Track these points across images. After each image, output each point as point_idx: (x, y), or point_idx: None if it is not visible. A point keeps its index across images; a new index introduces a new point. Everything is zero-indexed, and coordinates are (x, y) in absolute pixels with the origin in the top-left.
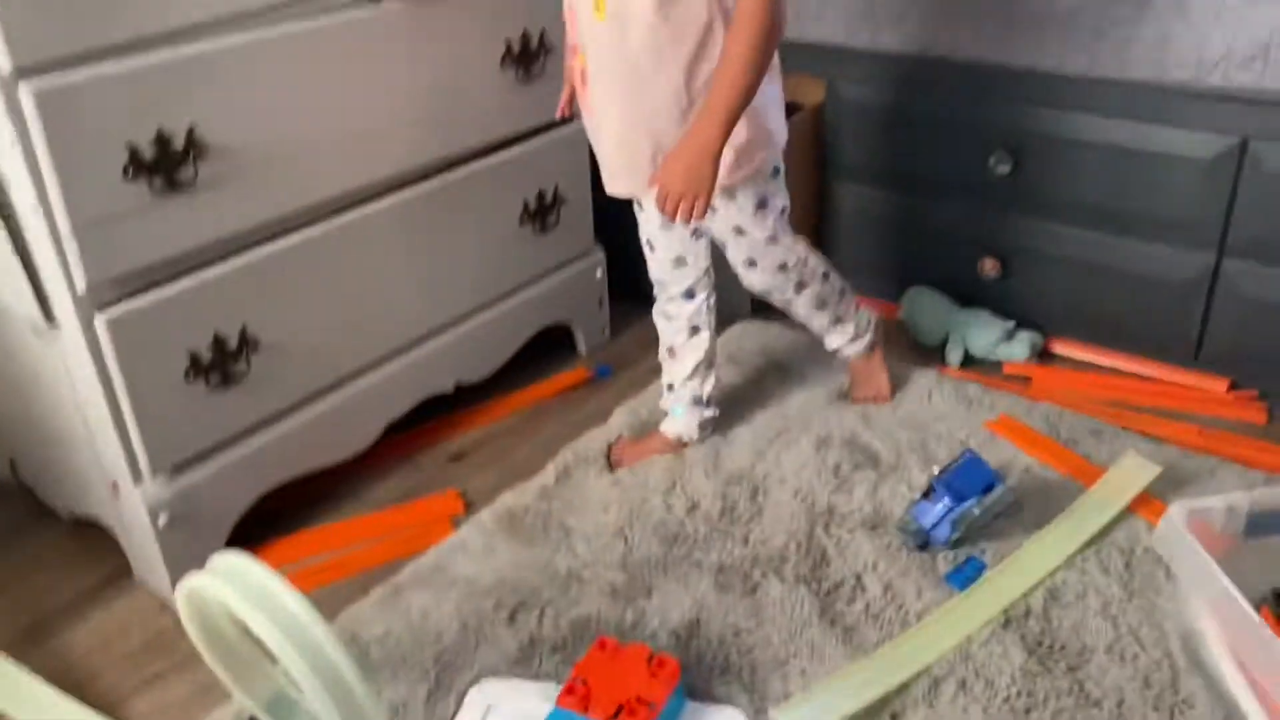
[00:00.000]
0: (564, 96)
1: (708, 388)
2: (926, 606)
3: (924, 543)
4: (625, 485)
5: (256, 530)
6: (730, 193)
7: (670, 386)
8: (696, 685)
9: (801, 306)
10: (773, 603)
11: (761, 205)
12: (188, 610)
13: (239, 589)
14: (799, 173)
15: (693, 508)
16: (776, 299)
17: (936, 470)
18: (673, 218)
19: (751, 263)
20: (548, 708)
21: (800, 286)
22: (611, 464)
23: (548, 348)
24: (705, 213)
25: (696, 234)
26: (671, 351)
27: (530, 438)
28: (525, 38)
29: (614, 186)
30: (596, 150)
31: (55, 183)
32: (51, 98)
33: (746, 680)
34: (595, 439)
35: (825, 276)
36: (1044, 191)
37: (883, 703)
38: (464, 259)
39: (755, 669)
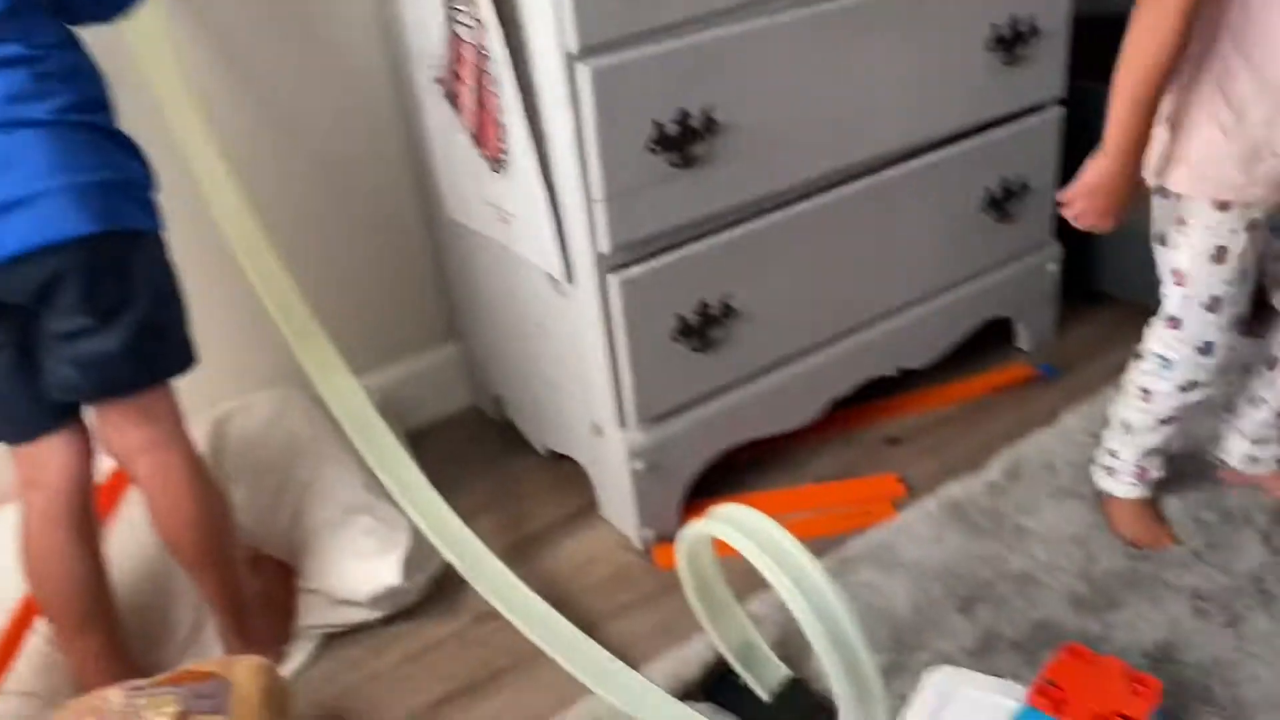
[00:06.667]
0: None
1: None
2: None
3: None
4: (1084, 497)
5: (704, 487)
6: None
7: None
8: (1175, 713)
9: None
10: (1260, 637)
11: None
12: (686, 550)
13: (752, 539)
14: None
15: None
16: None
17: None
18: None
19: None
20: (1010, 704)
21: None
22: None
23: (987, 340)
24: None
25: None
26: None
27: (969, 430)
28: (1013, 20)
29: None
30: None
31: (596, 153)
32: (604, 75)
33: (1232, 715)
34: (1045, 442)
35: None
36: None
37: None
38: (921, 244)
39: (1242, 706)
